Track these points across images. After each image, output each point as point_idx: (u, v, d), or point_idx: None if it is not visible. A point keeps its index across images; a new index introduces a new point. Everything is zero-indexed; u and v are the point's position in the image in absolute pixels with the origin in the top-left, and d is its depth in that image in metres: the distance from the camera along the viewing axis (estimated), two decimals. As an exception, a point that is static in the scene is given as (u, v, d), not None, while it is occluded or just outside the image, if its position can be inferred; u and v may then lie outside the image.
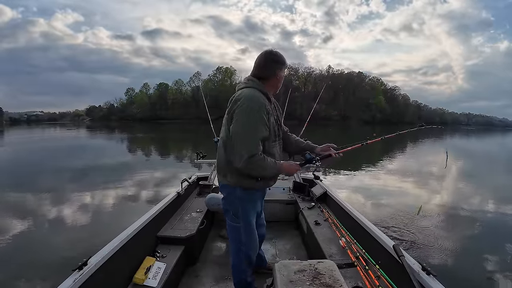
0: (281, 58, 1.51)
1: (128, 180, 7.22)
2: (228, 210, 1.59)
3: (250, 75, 1.52)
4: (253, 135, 1.36)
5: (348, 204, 2.47)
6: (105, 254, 1.53)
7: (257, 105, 1.38)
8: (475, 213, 4.89)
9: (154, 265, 1.85)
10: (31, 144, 19.32)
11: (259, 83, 1.48)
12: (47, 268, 2.96)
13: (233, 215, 1.57)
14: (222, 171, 1.54)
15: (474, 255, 3.33)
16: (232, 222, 1.59)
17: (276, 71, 1.50)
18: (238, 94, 1.44)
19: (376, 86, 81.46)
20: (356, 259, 1.86)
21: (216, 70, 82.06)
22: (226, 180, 1.52)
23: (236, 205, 1.54)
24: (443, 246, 3.49)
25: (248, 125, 1.36)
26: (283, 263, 1.50)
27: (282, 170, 1.49)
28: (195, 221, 2.49)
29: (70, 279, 1.29)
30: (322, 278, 1.36)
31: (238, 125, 1.36)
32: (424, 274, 1.34)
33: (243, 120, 1.36)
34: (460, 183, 7.84)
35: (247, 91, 1.43)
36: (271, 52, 1.51)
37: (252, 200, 1.57)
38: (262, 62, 1.49)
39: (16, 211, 4.87)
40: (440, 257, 3.25)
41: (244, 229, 1.58)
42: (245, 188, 1.50)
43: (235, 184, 1.49)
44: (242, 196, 1.52)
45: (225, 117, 1.48)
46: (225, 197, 1.59)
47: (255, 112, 1.36)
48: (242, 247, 1.62)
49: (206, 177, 3.62)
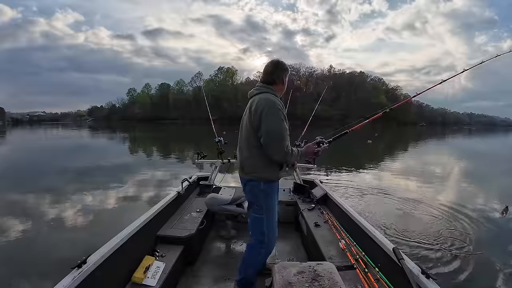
0: (287, 66, 1.82)
1: (129, 180, 7.23)
2: (252, 202, 1.77)
3: (261, 82, 1.78)
4: (284, 130, 1.60)
5: (348, 206, 2.47)
6: (104, 252, 1.54)
7: (279, 106, 1.62)
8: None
9: (153, 265, 1.85)
10: (38, 143, 19.41)
11: (272, 88, 1.73)
12: (47, 266, 2.97)
13: (257, 206, 1.73)
14: (247, 168, 1.72)
15: (478, 259, 3.28)
16: (256, 214, 1.74)
17: (283, 78, 1.78)
18: (259, 99, 1.64)
19: (378, 86, 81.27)
20: (355, 261, 1.86)
21: (218, 70, 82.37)
22: (251, 175, 1.70)
23: (260, 198, 1.71)
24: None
25: (279, 123, 1.59)
26: (283, 264, 1.50)
27: (305, 154, 1.77)
28: (195, 221, 2.50)
29: (69, 277, 1.29)
30: (321, 280, 1.36)
31: (270, 124, 1.58)
32: (423, 278, 1.34)
33: (273, 119, 1.58)
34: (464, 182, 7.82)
35: (267, 96, 1.66)
36: (279, 61, 1.79)
37: (273, 192, 1.75)
38: (272, 70, 1.75)
39: (17, 211, 4.89)
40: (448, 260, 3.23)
41: (266, 219, 1.74)
42: (267, 180, 1.70)
43: (259, 178, 1.68)
44: (266, 189, 1.70)
45: (246, 120, 1.71)
46: (249, 191, 1.75)
47: (279, 112, 1.61)
48: (264, 238, 1.75)
49: (206, 177, 3.62)
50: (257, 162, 1.67)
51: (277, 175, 1.73)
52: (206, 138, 17.72)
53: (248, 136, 1.69)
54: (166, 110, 76.46)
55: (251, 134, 1.66)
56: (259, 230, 1.75)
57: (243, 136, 1.75)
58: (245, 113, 1.78)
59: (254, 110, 1.63)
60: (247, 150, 1.70)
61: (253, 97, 1.72)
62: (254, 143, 1.65)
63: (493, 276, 2.96)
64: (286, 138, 1.60)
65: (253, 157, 1.68)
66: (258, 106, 1.61)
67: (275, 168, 1.68)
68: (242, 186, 1.84)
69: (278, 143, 1.58)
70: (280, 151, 1.59)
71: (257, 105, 1.62)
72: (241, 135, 1.78)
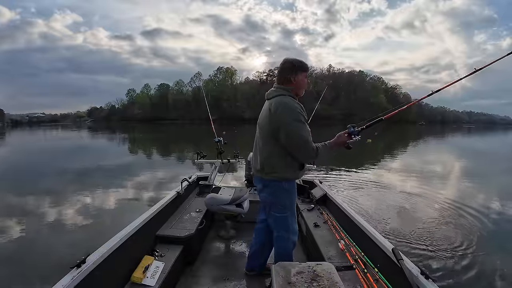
0: (304, 64, 1.75)
1: (129, 181, 7.23)
2: (274, 203, 1.76)
3: (277, 82, 1.74)
4: (308, 134, 1.61)
5: (348, 207, 2.47)
6: (103, 252, 1.53)
7: (299, 110, 1.61)
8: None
9: (152, 264, 1.85)
10: (37, 145, 19.40)
11: (289, 90, 1.70)
12: (47, 268, 2.96)
13: (281, 206, 1.75)
14: (267, 168, 1.71)
15: (477, 260, 3.25)
16: (280, 214, 1.76)
17: (301, 77, 1.73)
18: (278, 103, 1.63)
19: (377, 85, 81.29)
20: (354, 261, 1.86)
21: (217, 70, 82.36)
22: (272, 175, 1.70)
23: (283, 197, 1.73)
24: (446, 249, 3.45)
25: (301, 127, 1.59)
26: (281, 264, 1.50)
27: (334, 146, 1.68)
28: (194, 221, 2.49)
29: (68, 277, 1.29)
30: (320, 280, 1.36)
31: (294, 130, 1.58)
32: (423, 278, 1.33)
33: (295, 124, 1.58)
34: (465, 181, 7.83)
35: (286, 100, 1.64)
36: (294, 60, 1.73)
37: (294, 191, 1.78)
38: (288, 70, 1.71)
39: (17, 212, 4.89)
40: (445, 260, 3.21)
41: (290, 216, 1.78)
42: (289, 180, 1.72)
43: (280, 178, 1.69)
44: (288, 188, 1.73)
45: (265, 121, 1.69)
46: (271, 192, 1.74)
47: (300, 116, 1.60)
48: (289, 233, 1.79)
49: (206, 177, 3.62)
50: (278, 163, 1.67)
51: (298, 175, 1.75)
52: (205, 138, 17.74)
53: (267, 137, 1.69)
54: (165, 110, 76.53)
55: (271, 135, 1.66)
56: (283, 227, 1.78)
57: (262, 137, 1.74)
58: (261, 113, 1.78)
59: (273, 112, 1.62)
60: (268, 151, 1.70)
61: (271, 99, 1.70)
62: (275, 144, 1.65)
63: (494, 277, 2.94)
64: (310, 141, 1.60)
65: (274, 158, 1.68)
66: (277, 110, 1.61)
67: (296, 168, 1.70)
68: (259, 187, 1.82)
69: (305, 149, 1.59)
70: (308, 156, 1.62)
71: (276, 109, 1.62)
72: (259, 136, 1.78)
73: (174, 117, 71.79)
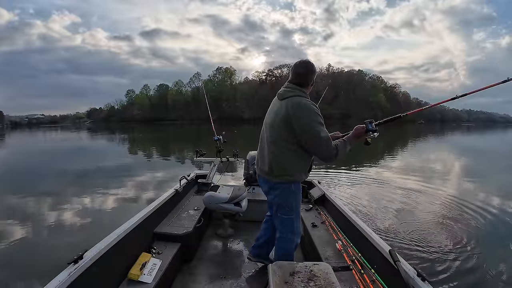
0: (316, 68, 1.76)
1: (128, 182, 7.21)
2: (281, 205, 1.75)
3: (291, 82, 1.70)
4: (326, 133, 1.60)
5: (346, 208, 2.47)
6: (101, 248, 1.53)
7: (316, 111, 1.60)
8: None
9: (149, 261, 1.85)
10: (37, 146, 19.37)
11: (304, 91, 1.68)
12: (46, 268, 2.94)
13: (288, 208, 1.74)
14: (277, 170, 1.68)
15: (475, 261, 3.19)
16: (287, 216, 1.76)
17: (314, 80, 1.75)
18: (297, 104, 1.60)
19: (376, 84, 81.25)
20: (351, 262, 1.87)
21: (216, 70, 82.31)
22: (281, 178, 1.68)
23: (290, 199, 1.72)
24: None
25: (321, 128, 1.57)
26: (278, 264, 1.50)
27: (353, 138, 1.68)
28: (192, 219, 2.50)
29: (65, 272, 1.29)
30: (317, 280, 1.36)
31: (314, 131, 1.56)
32: (419, 280, 1.33)
33: (315, 125, 1.57)
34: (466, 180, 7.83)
35: (303, 101, 1.61)
36: (309, 63, 1.72)
37: (300, 192, 1.78)
38: (305, 72, 1.70)
39: (16, 213, 4.88)
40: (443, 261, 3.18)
41: (296, 218, 1.78)
42: (297, 182, 1.71)
43: (290, 181, 1.68)
44: (296, 190, 1.73)
45: (278, 121, 1.65)
46: (279, 194, 1.73)
47: (318, 117, 1.59)
48: (294, 235, 1.79)
49: (204, 175, 3.61)
50: (290, 165, 1.66)
51: (305, 177, 1.75)
52: (204, 138, 17.72)
53: (280, 139, 1.65)
54: (165, 111, 76.52)
55: (285, 136, 1.63)
56: (289, 229, 1.78)
57: (272, 138, 1.69)
58: (271, 113, 1.73)
59: (292, 114, 1.58)
60: (279, 153, 1.66)
61: (286, 99, 1.65)
62: (288, 145, 1.63)
63: (492, 279, 2.89)
64: (329, 140, 1.60)
65: (286, 160, 1.65)
66: (297, 112, 1.58)
67: (306, 170, 1.72)
68: (264, 188, 1.81)
69: (326, 149, 1.58)
70: (329, 155, 1.60)
71: (295, 110, 1.58)
72: (268, 137, 1.72)
73: (174, 117, 71.81)
